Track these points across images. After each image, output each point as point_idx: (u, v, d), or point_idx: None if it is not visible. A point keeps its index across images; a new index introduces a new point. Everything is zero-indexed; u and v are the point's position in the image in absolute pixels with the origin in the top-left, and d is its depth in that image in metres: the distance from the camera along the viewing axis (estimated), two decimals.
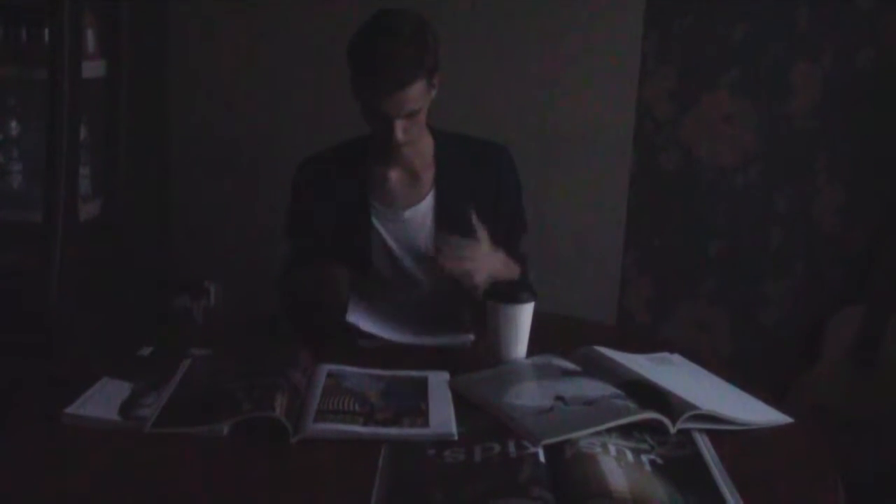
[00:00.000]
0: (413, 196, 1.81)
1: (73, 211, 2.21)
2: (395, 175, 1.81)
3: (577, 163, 2.68)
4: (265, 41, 2.70)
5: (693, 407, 1.18)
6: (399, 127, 1.66)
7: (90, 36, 2.33)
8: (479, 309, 1.46)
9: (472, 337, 1.51)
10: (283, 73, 2.73)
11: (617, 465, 1.05)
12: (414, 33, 1.63)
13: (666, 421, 1.16)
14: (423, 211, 1.81)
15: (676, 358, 1.49)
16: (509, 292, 1.42)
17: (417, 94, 1.63)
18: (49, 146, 2.13)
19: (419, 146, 1.79)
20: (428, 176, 1.82)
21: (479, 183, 1.82)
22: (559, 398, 1.25)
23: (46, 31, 2.18)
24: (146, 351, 1.42)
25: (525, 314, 1.41)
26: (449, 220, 1.78)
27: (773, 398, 1.35)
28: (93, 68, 2.30)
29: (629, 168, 2.74)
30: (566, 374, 1.35)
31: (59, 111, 2.12)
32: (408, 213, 1.80)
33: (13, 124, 2.39)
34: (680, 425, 1.16)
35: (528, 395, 1.27)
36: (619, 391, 1.25)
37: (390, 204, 1.81)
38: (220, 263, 2.84)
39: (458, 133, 1.88)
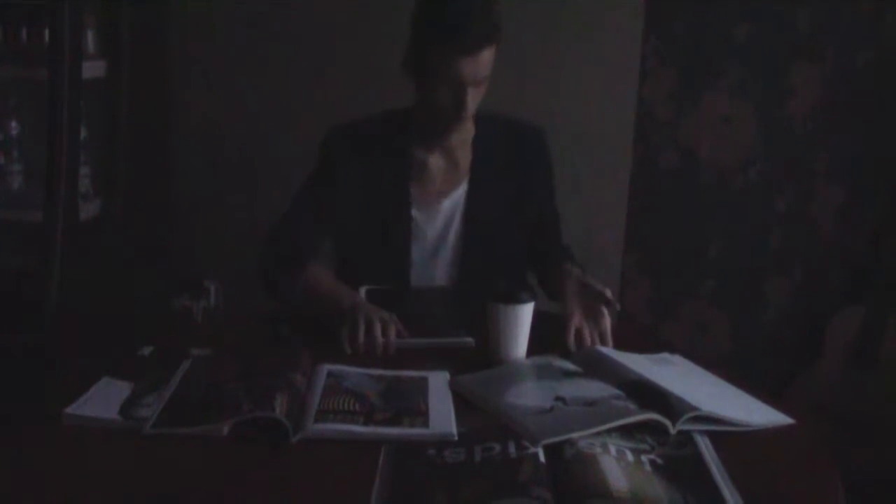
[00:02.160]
0: (449, 184, 1.75)
1: (73, 211, 2.22)
2: (435, 161, 1.74)
3: (577, 163, 2.68)
4: (265, 41, 2.70)
5: (693, 408, 1.18)
6: (471, 95, 1.59)
7: (90, 36, 2.33)
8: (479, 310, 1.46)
9: (471, 339, 1.51)
10: (284, 73, 2.73)
11: (617, 465, 1.05)
12: None
13: (666, 422, 1.16)
14: (456, 200, 1.75)
15: (677, 358, 1.49)
16: (509, 292, 1.41)
17: (490, 60, 1.59)
18: (49, 146, 2.13)
19: (464, 128, 1.72)
20: (465, 162, 1.75)
21: (514, 170, 1.77)
22: (559, 398, 1.25)
23: (46, 31, 2.18)
24: (146, 351, 1.42)
25: (524, 314, 1.41)
26: (481, 211, 1.73)
27: (773, 398, 1.35)
28: (93, 68, 2.30)
29: (629, 168, 2.74)
30: (567, 374, 1.35)
31: (59, 111, 2.12)
32: (446, 203, 1.74)
33: (13, 124, 2.39)
34: (680, 426, 1.16)
35: (529, 395, 1.27)
36: (619, 392, 1.25)
37: (428, 192, 1.74)
38: (220, 263, 2.84)
39: (494, 113, 1.80)
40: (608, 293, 1.51)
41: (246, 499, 1.04)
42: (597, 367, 1.37)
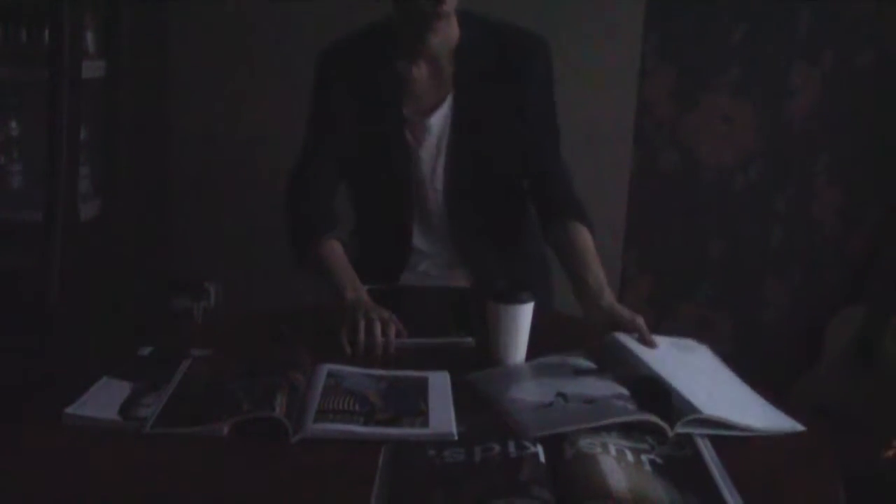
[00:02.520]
0: (435, 98, 1.67)
1: (73, 211, 2.22)
2: (420, 72, 1.66)
3: (576, 162, 2.68)
4: (265, 40, 2.70)
5: (695, 410, 1.18)
6: None
7: (90, 36, 2.33)
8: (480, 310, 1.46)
9: (471, 339, 1.51)
10: (284, 73, 2.73)
11: (617, 465, 1.05)
12: None
13: (664, 425, 1.16)
14: (443, 115, 1.67)
15: (701, 349, 1.49)
16: (509, 292, 1.41)
17: None
18: (49, 146, 2.13)
19: (447, 33, 1.63)
20: (449, 72, 1.66)
21: (505, 80, 1.66)
22: (560, 395, 1.25)
23: (46, 31, 2.18)
24: (146, 351, 1.42)
25: (524, 315, 1.41)
26: (468, 125, 1.66)
27: (773, 398, 1.35)
28: (93, 68, 2.30)
29: (629, 168, 2.74)
30: (577, 372, 1.34)
31: (59, 111, 2.12)
32: (432, 120, 1.67)
33: (13, 124, 2.39)
34: (679, 429, 1.16)
35: (530, 391, 1.27)
36: (624, 391, 1.25)
37: (417, 110, 1.67)
38: (220, 263, 2.84)
39: (488, 18, 1.71)
40: (640, 322, 1.47)
41: (246, 499, 1.04)
42: (614, 360, 1.36)
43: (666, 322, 2.84)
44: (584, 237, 1.65)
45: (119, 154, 2.45)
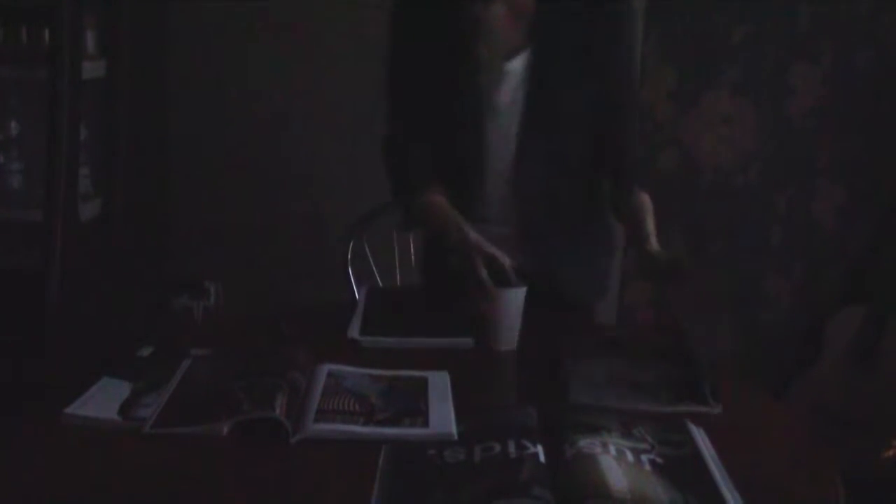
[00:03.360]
0: (516, 42, 1.57)
1: (73, 211, 2.22)
2: (497, 13, 1.55)
3: None
4: (265, 41, 2.71)
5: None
6: None
7: (90, 36, 2.33)
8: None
9: (470, 340, 1.51)
10: (284, 73, 2.73)
11: (617, 465, 1.05)
12: None
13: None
14: (524, 61, 1.58)
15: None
16: (499, 277, 1.42)
17: None
18: (49, 146, 2.13)
19: None
20: (531, 13, 1.56)
21: (592, 27, 1.57)
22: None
23: (46, 31, 2.18)
24: (146, 351, 1.42)
25: (515, 299, 1.42)
26: (548, 76, 1.57)
27: (773, 398, 1.36)
28: (93, 68, 2.30)
29: None
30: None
31: (59, 111, 2.12)
32: (511, 65, 1.58)
33: (13, 124, 2.39)
34: None
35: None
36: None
37: (493, 51, 1.57)
38: (220, 263, 2.84)
39: None
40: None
41: (246, 499, 1.04)
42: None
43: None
44: (644, 199, 1.70)
45: (119, 154, 2.45)
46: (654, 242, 1.58)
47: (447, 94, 1.62)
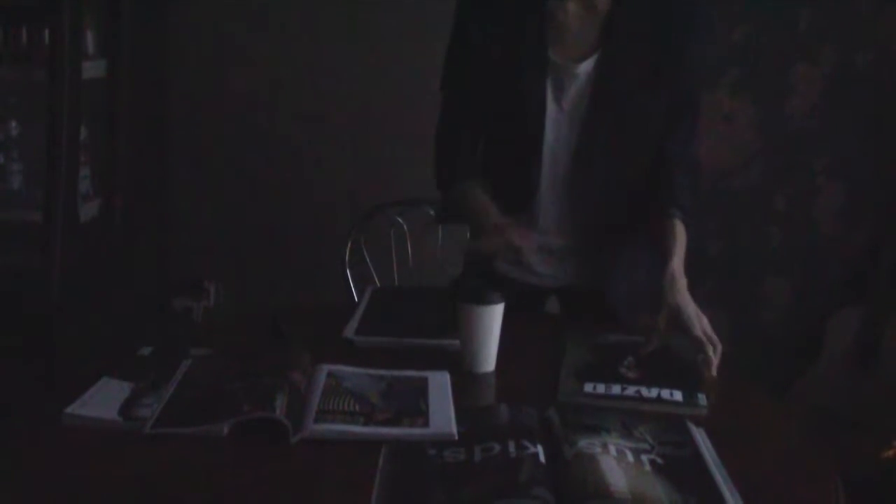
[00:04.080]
0: (587, 44, 1.52)
1: (73, 211, 2.22)
2: (571, 12, 1.51)
3: None
4: (265, 41, 2.71)
5: None
6: None
7: (90, 36, 2.34)
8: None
9: (458, 342, 1.49)
10: (283, 73, 2.73)
11: (617, 465, 1.05)
12: None
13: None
14: (591, 65, 1.52)
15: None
16: (476, 292, 1.37)
17: None
18: (49, 146, 2.13)
19: None
20: (604, 15, 1.51)
21: (665, 33, 1.52)
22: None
23: (46, 31, 2.18)
24: (146, 351, 1.42)
25: (491, 316, 1.36)
26: (616, 82, 1.52)
27: (773, 398, 1.36)
28: (93, 68, 2.31)
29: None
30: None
31: (59, 111, 2.13)
32: (581, 67, 1.52)
33: (13, 124, 2.40)
34: None
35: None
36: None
37: (565, 55, 1.52)
38: (220, 263, 2.84)
39: None
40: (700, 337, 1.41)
41: (246, 499, 1.04)
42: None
43: None
44: (678, 230, 1.56)
45: (119, 154, 2.45)
46: (679, 291, 1.47)
47: (511, 93, 1.56)
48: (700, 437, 1.17)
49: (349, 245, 2.12)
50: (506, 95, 1.57)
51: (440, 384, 1.32)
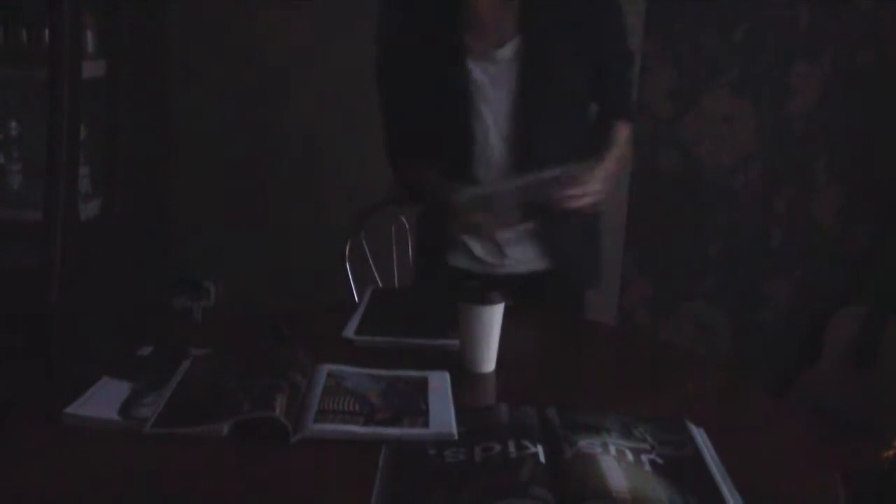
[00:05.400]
0: (505, 30, 1.58)
1: (73, 211, 2.22)
2: (484, 1, 1.58)
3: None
4: (265, 41, 2.71)
5: None
6: None
7: (90, 36, 2.33)
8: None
9: (457, 342, 1.49)
10: (283, 73, 2.73)
11: (617, 465, 1.05)
12: None
13: None
14: (511, 51, 1.58)
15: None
16: (477, 293, 1.37)
17: None
18: (49, 146, 2.13)
19: None
20: (514, 7, 1.58)
21: (580, 21, 1.59)
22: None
23: (46, 31, 2.18)
24: (146, 351, 1.42)
25: (491, 316, 1.36)
26: (539, 63, 1.58)
27: (773, 398, 1.36)
28: (93, 68, 2.30)
29: (629, 168, 2.74)
30: None
31: (59, 111, 2.12)
32: (500, 52, 1.58)
33: (13, 124, 2.39)
34: None
35: None
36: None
37: (484, 41, 1.59)
38: (220, 263, 2.84)
39: None
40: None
41: (246, 499, 1.04)
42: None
43: (666, 322, 2.84)
44: (620, 128, 1.69)
45: (119, 154, 2.45)
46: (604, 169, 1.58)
47: (437, 85, 1.63)
48: (700, 437, 1.17)
49: (348, 244, 2.12)
50: (433, 88, 1.63)
51: (440, 384, 1.32)
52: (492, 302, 1.36)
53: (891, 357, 2.44)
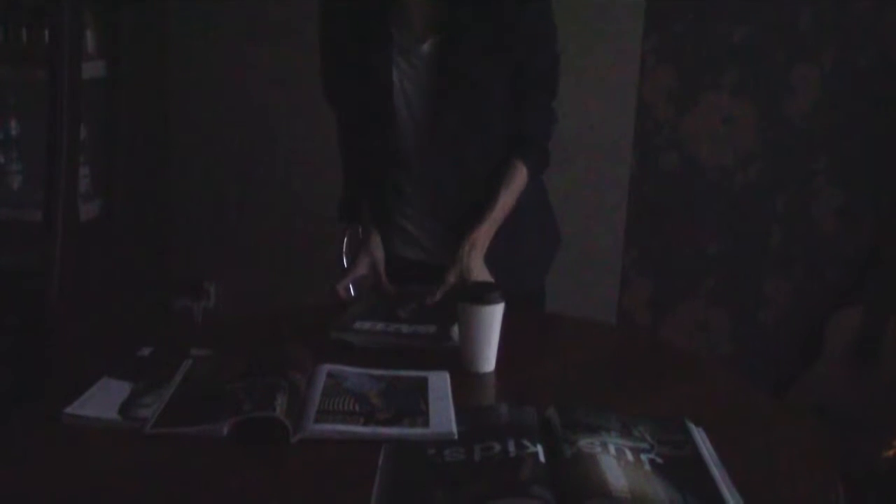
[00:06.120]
0: (428, 24, 1.61)
1: (73, 211, 2.22)
2: None
3: (577, 163, 2.68)
4: (265, 40, 2.71)
5: None
6: None
7: (90, 36, 2.34)
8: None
9: (455, 342, 1.49)
10: (283, 73, 2.73)
11: (617, 464, 1.05)
12: None
13: None
14: (439, 42, 1.61)
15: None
16: (475, 293, 1.38)
17: None
18: (49, 146, 2.13)
19: None
20: (441, 2, 1.59)
21: (499, 14, 1.59)
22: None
23: (46, 31, 2.18)
24: (146, 351, 1.42)
25: (491, 316, 1.37)
26: (461, 57, 1.60)
27: (773, 397, 1.35)
28: (93, 68, 2.31)
29: (629, 168, 2.74)
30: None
31: (59, 111, 2.13)
32: (426, 47, 1.61)
33: (13, 124, 2.40)
34: None
35: None
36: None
37: (409, 33, 1.61)
38: (220, 263, 2.84)
39: None
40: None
41: (246, 499, 1.04)
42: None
43: (666, 321, 2.84)
44: (514, 175, 1.68)
45: (119, 154, 2.45)
46: (470, 248, 1.63)
47: (364, 80, 1.66)
48: (700, 436, 1.17)
49: (345, 239, 2.12)
50: (361, 82, 1.67)
51: (440, 384, 1.32)
52: (492, 302, 1.36)
53: (891, 357, 2.44)
